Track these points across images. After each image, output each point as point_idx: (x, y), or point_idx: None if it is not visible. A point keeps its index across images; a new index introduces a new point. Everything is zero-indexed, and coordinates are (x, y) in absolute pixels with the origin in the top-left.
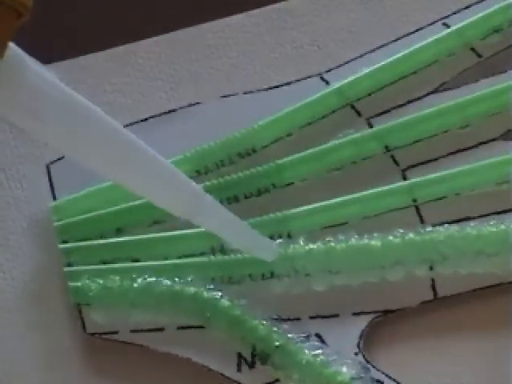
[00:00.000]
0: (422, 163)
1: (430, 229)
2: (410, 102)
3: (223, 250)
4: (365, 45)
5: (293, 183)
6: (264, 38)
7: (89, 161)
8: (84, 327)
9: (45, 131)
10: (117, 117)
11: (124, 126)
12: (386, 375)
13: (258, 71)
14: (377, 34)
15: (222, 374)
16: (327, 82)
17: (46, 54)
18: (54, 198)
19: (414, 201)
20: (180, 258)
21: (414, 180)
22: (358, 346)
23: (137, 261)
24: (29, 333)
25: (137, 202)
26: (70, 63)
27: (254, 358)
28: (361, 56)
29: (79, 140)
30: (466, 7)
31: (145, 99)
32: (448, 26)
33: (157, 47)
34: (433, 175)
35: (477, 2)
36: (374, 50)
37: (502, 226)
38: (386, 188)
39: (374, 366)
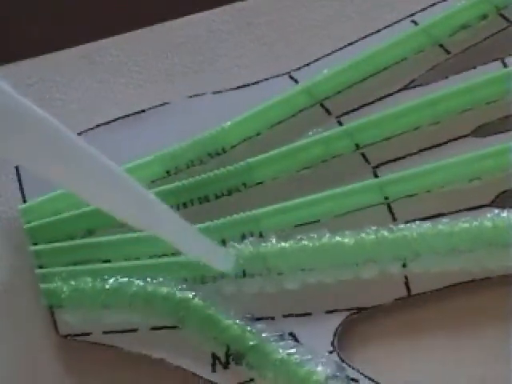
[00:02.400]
0: (393, 160)
1: (402, 226)
2: (379, 99)
3: None
4: (334, 41)
5: (263, 182)
6: (234, 35)
7: (36, 168)
8: (56, 329)
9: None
10: (87, 114)
11: (92, 128)
12: (361, 373)
13: (228, 68)
14: (346, 30)
15: (197, 375)
16: (296, 81)
17: (14, 52)
18: (24, 199)
19: (386, 198)
20: (151, 258)
21: (384, 177)
22: (333, 344)
23: (108, 262)
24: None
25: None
26: (39, 60)
27: (228, 357)
28: (329, 54)
29: (27, 149)
30: (434, 4)
31: (114, 96)
32: (416, 23)
33: (126, 44)
34: (404, 172)
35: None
36: (342, 48)
37: (475, 223)
38: (357, 186)
39: (348, 365)
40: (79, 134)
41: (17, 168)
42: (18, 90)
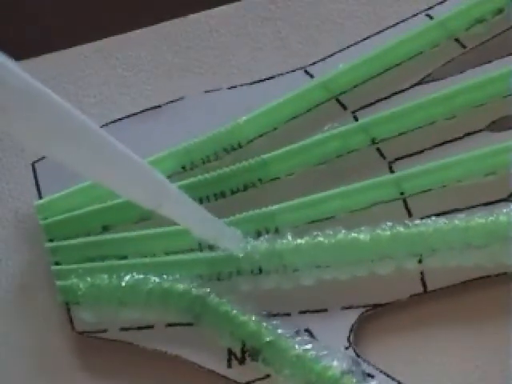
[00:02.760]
0: (409, 155)
1: (418, 222)
2: (395, 94)
3: (211, 246)
4: (349, 36)
5: (279, 178)
6: (248, 29)
7: (52, 152)
8: (73, 326)
9: (8, 121)
10: (102, 109)
11: (109, 123)
12: (377, 369)
13: (243, 62)
14: (361, 24)
15: (213, 371)
16: (311, 76)
17: (31, 47)
18: (40, 195)
19: (402, 193)
20: (167, 254)
21: (400, 172)
22: (348, 340)
23: (124, 258)
24: (15, 331)
25: (122, 199)
26: (56, 56)
27: (244, 353)
28: (344, 49)
29: (41, 130)
30: None
31: (129, 91)
32: (431, 18)
33: (141, 39)
34: (420, 167)
35: None
36: (357, 43)
37: (491, 218)
38: (372, 181)
39: (364, 360)
40: None
41: (33, 164)
42: None
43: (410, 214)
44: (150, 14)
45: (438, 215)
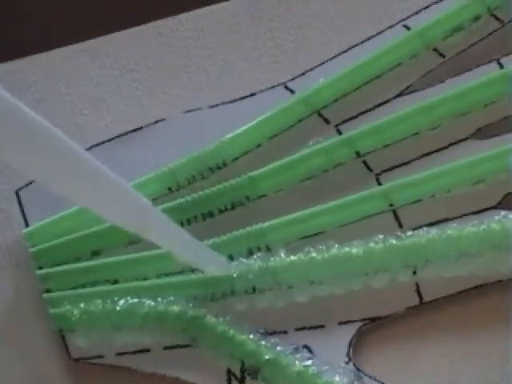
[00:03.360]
0: (396, 167)
1: (410, 233)
2: (377, 106)
3: (194, 270)
4: (342, 34)
5: (266, 195)
6: (240, 29)
7: (34, 174)
8: (68, 353)
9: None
10: (93, 108)
11: (89, 148)
12: (378, 381)
13: (234, 61)
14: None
15: None
16: (292, 91)
17: (20, 47)
18: (26, 223)
19: (391, 205)
20: (159, 277)
21: (388, 184)
22: (348, 354)
23: (115, 283)
24: (10, 362)
25: (111, 224)
26: (46, 56)
27: (243, 373)
28: (323, 63)
29: (20, 150)
30: (426, 7)
31: (120, 91)
32: (408, 28)
33: (133, 39)
34: (408, 178)
35: (436, 2)
36: (335, 56)
37: (483, 226)
38: (361, 194)
39: (365, 374)
40: None
41: (17, 192)
42: (25, 85)
43: (400, 226)
44: (140, 13)
45: (428, 225)
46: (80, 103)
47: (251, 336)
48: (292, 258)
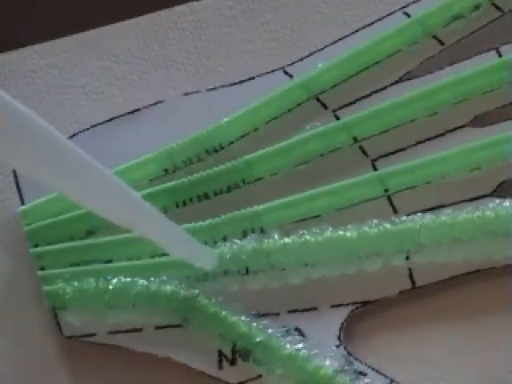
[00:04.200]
0: (392, 153)
1: (405, 218)
2: (375, 92)
3: None
4: (339, 27)
5: (263, 178)
6: (237, 21)
7: (19, 166)
8: (61, 330)
9: None
10: (90, 100)
11: (89, 128)
12: (369, 366)
13: (231, 54)
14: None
15: (203, 372)
16: (291, 76)
17: (16, 38)
18: (22, 201)
19: (386, 191)
20: (153, 257)
21: (384, 170)
22: (339, 338)
23: (109, 262)
24: (5, 338)
25: None
26: (42, 47)
27: (234, 354)
28: (323, 48)
29: (5, 141)
30: None
31: (118, 82)
32: (408, 15)
33: (129, 30)
34: (403, 164)
35: None
36: (335, 42)
37: (477, 213)
38: (356, 179)
39: (356, 358)
40: (74, 135)
41: (14, 170)
42: (21, 76)
43: (395, 211)
44: (137, 5)
45: (423, 212)
46: (77, 95)
47: (243, 317)
48: (286, 240)
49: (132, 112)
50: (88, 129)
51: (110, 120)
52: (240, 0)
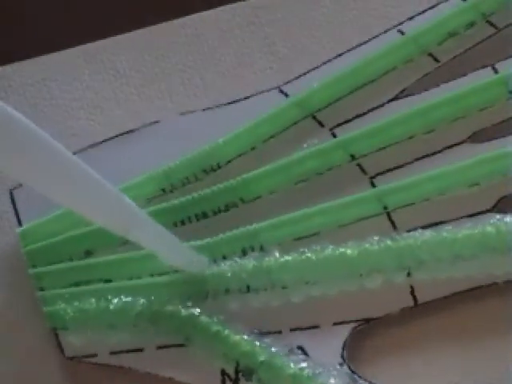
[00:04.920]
0: (390, 170)
1: (405, 235)
2: (371, 109)
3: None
4: (338, 41)
5: (260, 197)
6: (235, 34)
7: (19, 175)
8: (62, 351)
9: None
10: (88, 113)
11: (84, 149)
12: None
13: (229, 67)
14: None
15: None
16: (286, 95)
17: (14, 52)
18: (20, 222)
19: (385, 208)
20: (152, 276)
21: (382, 187)
22: (342, 356)
23: (108, 282)
24: (5, 360)
25: None
26: (41, 60)
27: (237, 374)
28: (317, 67)
29: (6, 151)
30: (420, 13)
31: (116, 96)
32: (403, 33)
33: (127, 44)
34: (402, 181)
35: (430, 8)
36: (330, 60)
37: (478, 229)
38: (355, 197)
39: (360, 376)
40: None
41: (11, 191)
42: (19, 89)
43: (394, 228)
44: (135, 18)
45: (422, 228)
46: (75, 108)
47: (245, 336)
48: (286, 257)
49: (128, 132)
50: (85, 149)
51: (106, 140)
52: (238, 13)
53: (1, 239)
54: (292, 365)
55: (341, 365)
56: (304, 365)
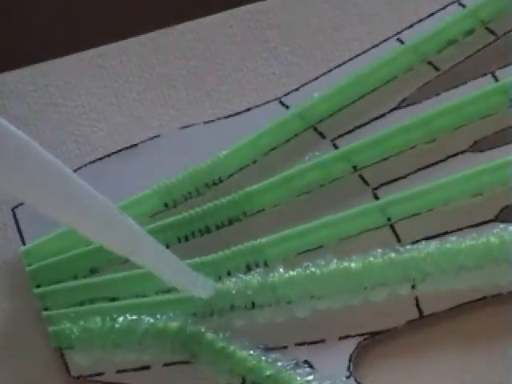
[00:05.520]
0: (393, 181)
1: (409, 247)
2: (373, 120)
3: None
4: (339, 46)
5: (263, 210)
6: (237, 39)
7: (24, 195)
8: (68, 371)
9: None
10: (90, 120)
11: (85, 164)
12: None
13: (231, 72)
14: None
15: None
16: (286, 106)
17: (16, 57)
18: (23, 241)
19: (389, 219)
20: (157, 294)
21: (386, 199)
22: (349, 369)
23: (114, 300)
24: (10, 381)
25: None
26: (42, 66)
27: None
28: (317, 78)
29: (8, 171)
30: (419, 21)
31: (117, 101)
32: (402, 42)
33: (129, 49)
34: (405, 192)
35: (429, 16)
36: (329, 71)
37: (482, 240)
38: (358, 209)
39: None
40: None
41: (13, 210)
42: (21, 95)
43: (398, 240)
44: (136, 24)
45: (426, 239)
46: (76, 114)
47: (251, 352)
48: (291, 273)
49: (129, 147)
50: (86, 165)
51: (107, 155)
52: (240, 18)
53: (5, 256)
54: (298, 378)
55: (347, 378)
56: (310, 378)
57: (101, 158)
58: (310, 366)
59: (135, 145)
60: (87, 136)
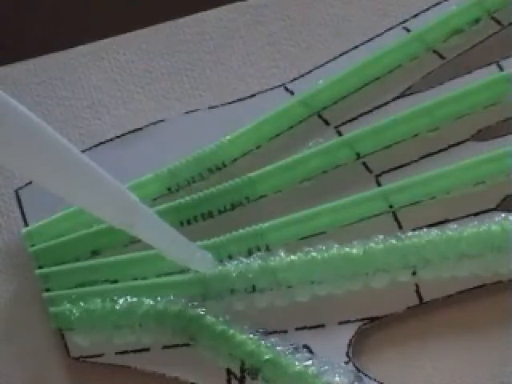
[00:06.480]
0: (396, 168)
1: (410, 234)
2: (377, 107)
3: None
4: (343, 39)
5: (266, 195)
6: (240, 33)
7: (24, 168)
8: (68, 352)
9: None
10: (94, 112)
11: (89, 148)
12: (379, 382)
13: (234, 65)
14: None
15: None
16: (291, 92)
17: (22, 50)
18: (26, 222)
19: (391, 207)
20: (159, 276)
21: (388, 186)
22: (347, 354)
23: (115, 282)
24: (11, 361)
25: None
26: (47, 59)
27: (243, 373)
28: (323, 65)
29: (12, 145)
30: (425, 10)
31: (121, 94)
32: (408, 30)
33: (133, 42)
34: (407, 180)
35: (435, 5)
36: (335, 58)
37: (483, 228)
38: (361, 195)
39: (365, 374)
40: None
41: (16, 192)
42: (25, 88)
43: (400, 227)
44: (140, 17)
45: (428, 227)
46: (80, 107)
47: (251, 336)
48: (292, 257)
49: (133, 131)
50: (90, 148)
51: (111, 139)
52: (243, 12)
53: (7, 238)
54: (297, 363)
55: (346, 363)
56: (309, 363)
57: (104, 142)
58: (310, 351)
59: (139, 129)
60: (91, 129)
